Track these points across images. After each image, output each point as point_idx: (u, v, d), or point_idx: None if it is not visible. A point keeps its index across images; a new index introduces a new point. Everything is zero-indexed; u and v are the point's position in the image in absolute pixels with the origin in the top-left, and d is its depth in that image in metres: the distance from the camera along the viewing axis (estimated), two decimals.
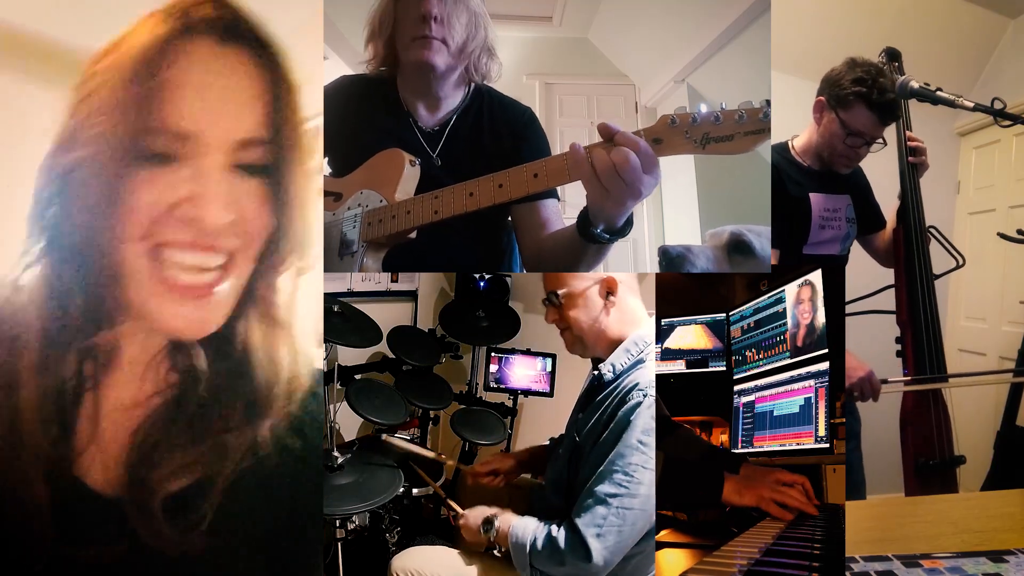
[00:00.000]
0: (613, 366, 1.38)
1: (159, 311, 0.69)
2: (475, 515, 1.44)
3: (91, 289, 0.69)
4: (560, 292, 1.41)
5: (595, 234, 1.22)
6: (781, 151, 1.98)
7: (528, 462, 1.70)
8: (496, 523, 1.39)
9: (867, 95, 1.79)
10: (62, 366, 0.70)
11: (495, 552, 1.42)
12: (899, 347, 1.99)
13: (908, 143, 1.97)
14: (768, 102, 1.12)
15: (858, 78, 1.80)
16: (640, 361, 1.37)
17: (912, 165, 1.98)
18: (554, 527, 1.31)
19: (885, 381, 1.86)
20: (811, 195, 1.91)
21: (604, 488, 1.26)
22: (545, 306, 1.45)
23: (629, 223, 1.23)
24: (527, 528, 1.35)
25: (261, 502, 0.77)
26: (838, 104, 1.83)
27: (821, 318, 1.45)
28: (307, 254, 0.77)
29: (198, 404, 0.74)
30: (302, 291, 0.79)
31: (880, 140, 1.86)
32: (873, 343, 2.01)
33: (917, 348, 1.94)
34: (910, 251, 1.95)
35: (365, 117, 1.54)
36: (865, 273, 2.13)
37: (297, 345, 0.79)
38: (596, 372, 1.40)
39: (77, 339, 0.70)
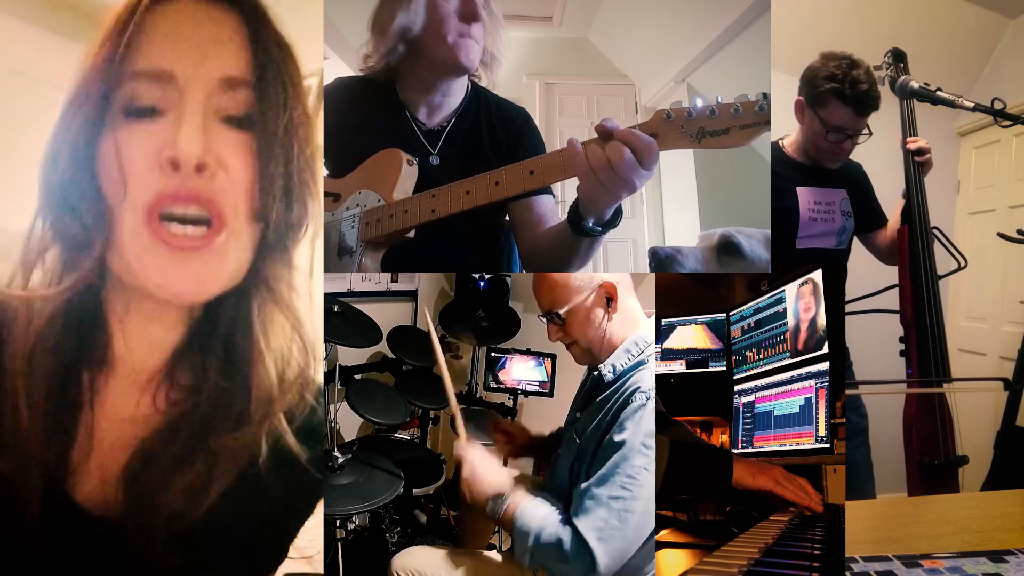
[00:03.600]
0: (614, 367, 1.35)
1: (153, 269, 0.67)
2: (486, 481, 1.34)
3: (92, 270, 0.67)
4: (562, 312, 1.34)
5: (587, 228, 1.22)
6: (770, 149, 1.98)
7: (538, 446, 1.69)
8: (506, 505, 1.31)
9: (840, 90, 1.78)
10: (67, 372, 0.69)
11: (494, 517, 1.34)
12: (903, 347, 1.99)
13: (912, 144, 1.97)
14: (765, 95, 1.11)
15: (830, 74, 1.80)
16: (641, 362, 1.36)
17: (917, 164, 1.97)
18: (560, 525, 1.27)
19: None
20: (798, 188, 1.91)
21: (606, 491, 1.24)
22: (546, 323, 1.39)
23: (619, 213, 1.24)
24: (535, 515, 1.29)
25: (254, 509, 0.76)
26: (815, 102, 1.83)
27: (822, 319, 1.45)
28: (317, 215, 0.74)
29: (200, 419, 0.72)
30: (317, 263, 0.76)
31: (865, 131, 1.85)
32: (877, 342, 2.02)
33: (921, 348, 1.93)
34: (915, 251, 1.95)
35: (363, 118, 1.54)
36: (869, 272, 2.13)
37: (307, 334, 0.76)
38: (596, 372, 1.37)
39: (82, 344, 0.69)
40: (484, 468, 1.36)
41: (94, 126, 0.65)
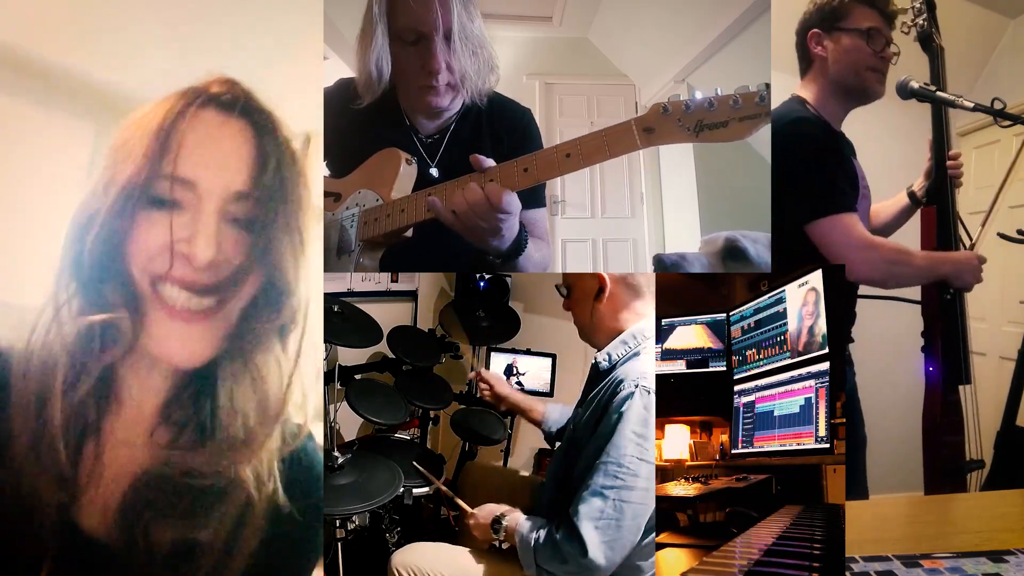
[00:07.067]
0: (609, 355, 1.41)
1: (158, 333, 0.79)
2: (484, 514, 1.45)
3: (107, 322, 0.78)
4: (561, 285, 1.53)
5: (489, 261, 1.29)
6: (811, 118, 1.77)
7: (519, 408, 1.78)
8: (505, 522, 1.40)
9: None
10: (78, 407, 0.78)
11: (500, 546, 1.43)
12: (923, 342, 1.91)
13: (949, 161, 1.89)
14: (767, 85, 1.07)
15: None
16: (636, 354, 1.38)
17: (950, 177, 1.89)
18: (555, 525, 1.31)
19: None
20: (855, 161, 1.78)
21: (599, 480, 1.26)
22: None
23: (518, 247, 1.29)
24: (533, 524, 1.35)
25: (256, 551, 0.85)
26: (836, 19, 1.72)
27: (822, 322, 1.44)
28: (297, 311, 0.85)
29: (188, 471, 0.81)
30: (297, 353, 0.86)
31: (894, 46, 1.75)
32: (897, 331, 1.98)
33: (947, 345, 1.85)
34: (944, 238, 1.84)
35: (364, 119, 1.54)
36: None
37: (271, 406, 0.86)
38: (594, 361, 1.44)
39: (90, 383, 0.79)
40: (480, 508, 1.48)
41: (130, 209, 0.77)
